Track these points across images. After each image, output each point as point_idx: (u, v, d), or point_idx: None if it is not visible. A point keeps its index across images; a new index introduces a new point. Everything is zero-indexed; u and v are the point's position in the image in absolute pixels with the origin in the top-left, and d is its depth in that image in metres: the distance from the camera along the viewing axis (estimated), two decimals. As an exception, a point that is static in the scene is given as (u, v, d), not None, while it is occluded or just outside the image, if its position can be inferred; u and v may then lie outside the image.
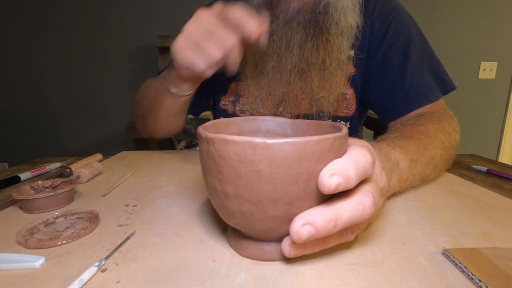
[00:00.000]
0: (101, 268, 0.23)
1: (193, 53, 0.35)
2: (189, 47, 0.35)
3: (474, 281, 0.21)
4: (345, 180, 0.19)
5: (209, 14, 0.35)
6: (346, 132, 0.23)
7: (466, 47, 1.90)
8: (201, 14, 0.35)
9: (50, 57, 1.93)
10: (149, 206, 0.36)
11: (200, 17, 0.35)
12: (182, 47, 0.36)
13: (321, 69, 0.53)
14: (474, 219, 0.32)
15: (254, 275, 0.22)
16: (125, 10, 1.87)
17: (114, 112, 2.01)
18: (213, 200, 0.24)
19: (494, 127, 2.01)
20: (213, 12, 0.35)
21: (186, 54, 0.35)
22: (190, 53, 0.35)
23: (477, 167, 0.51)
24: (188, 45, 0.35)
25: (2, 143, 2.06)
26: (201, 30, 0.34)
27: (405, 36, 0.56)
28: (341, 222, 0.20)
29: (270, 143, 0.19)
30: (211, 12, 0.35)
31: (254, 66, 0.55)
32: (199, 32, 0.34)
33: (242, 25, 0.32)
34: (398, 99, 0.56)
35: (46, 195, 0.34)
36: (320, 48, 0.51)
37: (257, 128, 0.32)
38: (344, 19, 0.51)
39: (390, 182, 0.32)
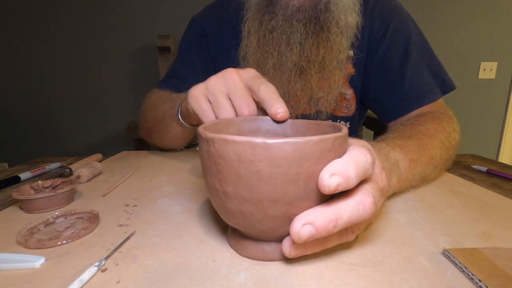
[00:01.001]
0: (101, 268, 0.23)
1: (207, 105, 0.34)
2: (206, 98, 0.34)
3: (474, 281, 0.21)
4: (345, 180, 0.19)
5: (238, 77, 0.33)
6: (346, 132, 0.23)
7: (466, 47, 1.90)
8: (230, 72, 0.33)
9: (50, 57, 1.94)
10: (149, 206, 0.36)
11: (228, 75, 0.33)
12: (199, 96, 0.34)
13: (321, 67, 0.53)
14: (474, 219, 0.32)
15: (254, 275, 0.22)
16: (125, 10, 1.87)
17: (114, 112, 2.01)
18: (213, 200, 0.24)
19: (494, 127, 2.01)
20: (243, 76, 0.33)
21: (199, 103, 0.34)
22: (204, 104, 0.34)
23: (477, 167, 0.51)
24: (205, 95, 0.34)
25: (2, 143, 2.06)
26: (225, 88, 0.33)
27: (404, 36, 0.56)
28: (341, 222, 0.20)
29: (270, 143, 0.19)
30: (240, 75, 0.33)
31: (256, 64, 0.55)
32: (222, 88, 0.33)
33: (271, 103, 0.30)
34: (398, 99, 0.56)
35: (46, 195, 0.34)
36: (320, 46, 0.51)
37: (257, 128, 0.32)
38: (344, 18, 0.51)
39: (390, 182, 0.32)
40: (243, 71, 0.34)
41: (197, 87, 0.35)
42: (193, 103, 0.35)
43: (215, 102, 0.33)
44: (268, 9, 0.52)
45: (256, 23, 0.54)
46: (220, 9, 0.66)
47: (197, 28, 0.67)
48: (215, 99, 0.33)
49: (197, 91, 0.35)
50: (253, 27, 0.54)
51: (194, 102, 0.35)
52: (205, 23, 0.66)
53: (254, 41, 0.54)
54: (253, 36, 0.54)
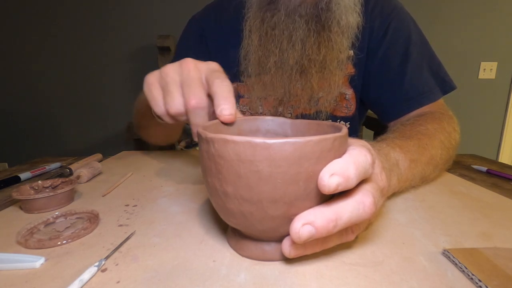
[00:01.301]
0: (101, 268, 0.23)
1: (158, 92, 0.33)
2: (158, 85, 0.33)
3: (474, 281, 0.21)
4: (345, 180, 0.19)
5: (194, 67, 0.32)
6: (346, 132, 0.23)
7: (466, 47, 1.90)
8: (187, 62, 0.32)
9: (50, 57, 1.94)
10: (149, 206, 0.36)
11: (185, 64, 0.32)
12: (152, 82, 0.34)
13: (321, 67, 0.53)
14: (474, 219, 0.32)
15: (254, 275, 0.22)
16: (125, 10, 1.87)
17: (114, 112, 2.01)
18: (213, 200, 0.24)
19: (494, 127, 2.01)
20: (200, 67, 0.32)
21: (151, 90, 0.33)
22: (155, 91, 0.33)
23: (477, 167, 0.51)
24: (158, 82, 0.33)
25: (2, 143, 2.06)
26: (178, 76, 0.32)
27: (405, 36, 0.56)
28: (341, 222, 0.20)
29: (270, 143, 0.19)
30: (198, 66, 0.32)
31: (257, 63, 0.55)
32: (175, 77, 0.32)
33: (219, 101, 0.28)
34: (398, 99, 0.56)
35: (46, 195, 0.34)
36: (321, 45, 0.51)
37: (257, 128, 0.32)
38: (346, 18, 0.51)
39: (390, 182, 0.32)
40: (202, 63, 0.33)
41: (152, 74, 0.34)
42: (145, 89, 0.34)
43: (165, 88, 0.32)
44: (269, 6, 0.52)
45: (258, 21, 0.54)
46: (220, 9, 0.66)
47: (196, 28, 0.67)
48: (166, 86, 0.32)
49: (151, 78, 0.34)
50: (255, 26, 0.54)
51: (147, 88, 0.34)
52: (204, 23, 0.66)
53: (256, 40, 0.54)
54: (254, 34, 0.54)
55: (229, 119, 0.28)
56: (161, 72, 0.33)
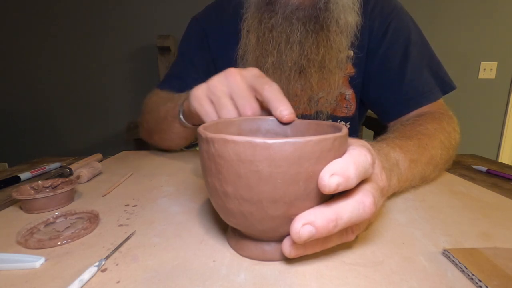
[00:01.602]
0: (101, 268, 0.23)
1: (209, 106, 0.33)
2: (208, 98, 0.33)
3: (474, 281, 0.21)
4: (345, 180, 0.19)
5: (240, 77, 0.32)
6: (346, 132, 0.23)
7: (466, 47, 1.90)
8: (232, 72, 0.32)
9: (50, 57, 1.94)
10: (149, 206, 0.36)
11: (230, 75, 0.32)
12: (202, 96, 0.34)
13: (320, 66, 0.53)
14: (474, 219, 0.32)
15: (254, 275, 0.22)
16: (125, 10, 1.88)
17: (114, 112, 2.01)
18: (213, 200, 0.24)
19: (494, 127, 2.01)
20: (245, 76, 0.32)
21: (202, 104, 0.33)
22: (207, 105, 0.33)
23: (477, 167, 0.51)
24: (208, 96, 0.33)
25: (2, 143, 2.06)
26: (227, 88, 0.32)
27: (404, 36, 0.56)
28: (341, 222, 0.20)
29: (270, 143, 0.19)
30: (243, 74, 0.32)
31: (254, 63, 0.55)
32: (224, 89, 0.32)
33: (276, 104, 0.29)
34: (398, 99, 0.56)
35: (46, 195, 0.34)
36: (320, 45, 0.51)
37: (257, 128, 0.32)
38: (344, 17, 0.51)
39: (390, 182, 0.32)
40: (245, 71, 0.33)
41: (199, 88, 0.34)
42: (195, 104, 0.34)
43: (217, 102, 0.32)
44: (267, 7, 0.52)
45: (256, 22, 0.54)
46: (220, 9, 0.66)
47: (198, 28, 0.67)
48: (218, 100, 0.32)
49: (199, 92, 0.34)
50: (252, 26, 0.54)
51: (196, 103, 0.34)
52: (205, 23, 0.66)
53: (253, 40, 0.54)
54: (252, 34, 0.54)
55: (291, 118, 0.29)
56: (208, 85, 0.33)
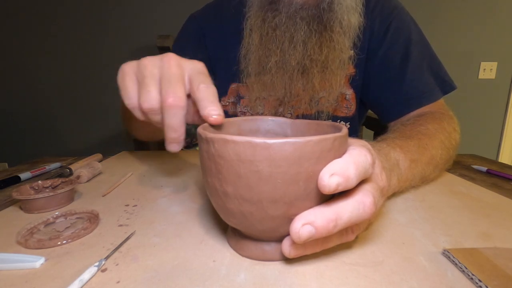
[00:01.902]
0: (101, 268, 0.23)
1: (132, 83, 0.30)
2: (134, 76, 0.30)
3: (474, 281, 0.21)
4: (345, 180, 0.19)
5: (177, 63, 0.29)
6: (346, 132, 0.23)
7: (466, 47, 1.90)
8: (170, 56, 0.30)
9: (50, 57, 1.93)
10: (149, 206, 0.36)
11: (166, 59, 0.29)
12: (128, 71, 0.31)
13: (323, 66, 0.53)
14: (474, 219, 0.32)
15: (254, 275, 0.22)
16: (125, 10, 1.87)
17: (114, 112, 2.01)
18: (213, 200, 0.24)
19: (494, 127, 2.01)
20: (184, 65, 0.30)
21: (124, 79, 0.31)
22: (129, 81, 0.30)
23: (477, 167, 0.51)
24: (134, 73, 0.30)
25: (2, 143, 2.06)
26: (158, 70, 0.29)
27: (405, 36, 0.56)
28: (341, 222, 0.20)
29: (270, 143, 0.19)
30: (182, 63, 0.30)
31: (258, 62, 0.55)
32: (154, 71, 0.29)
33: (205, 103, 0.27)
34: (398, 99, 0.56)
35: (46, 195, 0.34)
36: (323, 45, 0.51)
37: (257, 128, 0.32)
38: (348, 18, 0.51)
39: (390, 182, 0.32)
40: (187, 61, 0.31)
41: (128, 63, 0.31)
42: (119, 78, 0.31)
43: (141, 81, 0.29)
44: (271, 6, 0.52)
45: (259, 21, 0.53)
46: (220, 8, 0.65)
47: (195, 27, 0.66)
48: (142, 78, 0.29)
49: (127, 67, 0.31)
50: (256, 25, 0.54)
51: (120, 77, 0.31)
52: (204, 22, 0.66)
53: (257, 39, 0.54)
54: (255, 33, 0.54)
55: (218, 120, 0.27)
56: (139, 63, 0.30)
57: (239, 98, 0.63)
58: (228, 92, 0.64)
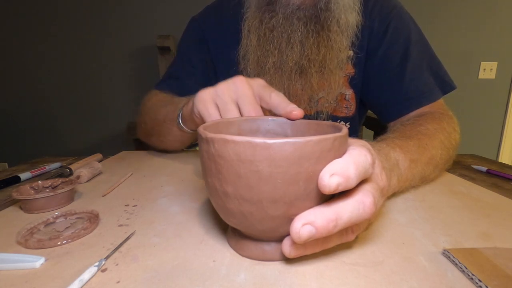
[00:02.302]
0: (101, 268, 0.23)
1: (214, 110, 0.34)
2: (214, 102, 0.34)
3: (474, 281, 0.21)
4: (345, 180, 0.19)
5: (247, 84, 0.34)
6: (346, 132, 0.23)
7: (466, 47, 1.90)
8: (240, 79, 0.34)
9: (50, 57, 1.94)
10: (149, 206, 0.36)
11: (239, 82, 0.34)
12: (208, 99, 0.34)
13: (321, 66, 0.53)
14: (474, 219, 0.32)
15: (254, 275, 0.22)
16: (125, 10, 1.87)
17: (114, 112, 2.01)
18: (213, 200, 0.24)
19: (494, 127, 2.01)
20: (252, 84, 0.34)
21: (207, 107, 0.34)
22: (211, 108, 0.34)
23: (477, 167, 0.51)
24: (214, 99, 0.34)
25: (2, 143, 2.06)
26: (234, 94, 0.33)
27: (404, 35, 0.56)
28: (341, 222, 0.20)
29: (270, 143, 0.19)
30: (250, 83, 0.34)
31: (256, 63, 0.55)
32: (231, 94, 0.33)
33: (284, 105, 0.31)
34: (398, 99, 0.56)
35: (46, 195, 0.34)
36: (321, 45, 0.51)
37: (257, 128, 0.32)
38: (345, 17, 0.51)
39: (390, 182, 0.32)
40: (252, 80, 0.35)
41: (206, 91, 0.35)
42: (200, 106, 0.35)
43: (223, 107, 0.33)
44: (268, 7, 0.52)
45: (256, 22, 0.54)
46: (220, 9, 0.65)
47: (196, 30, 0.66)
48: (224, 105, 0.33)
49: (205, 95, 0.35)
50: (253, 26, 0.54)
51: (202, 105, 0.35)
52: (204, 24, 0.66)
53: (254, 40, 0.54)
54: (253, 34, 0.54)
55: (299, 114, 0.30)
56: (216, 89, 0.34)
57: None
58: None
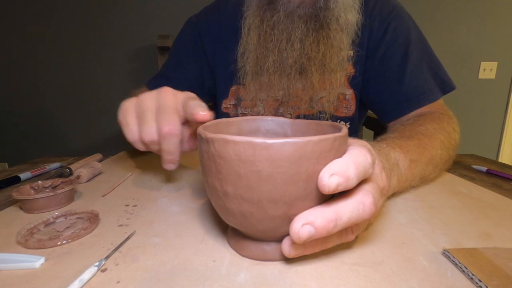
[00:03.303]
0: (101, 268, 0.23)
1: (132, 120, 0.34)
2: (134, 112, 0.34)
3: (474, 281, 0.21)
4: (345, 180, 0.19)
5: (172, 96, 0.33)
6: (346, 132, 0.23)
7: (466, 47, 1.90)
8: (166, 90, 0.33)
9: (50, 57, 1.93)
10: (149, 206, 0.36)
11: (162, 92, 0.33)
12: (128, 108, 0.34)
13: (321, 64, 0.53)
14: (474, 219, 0.32)
15: (254, 275, 0.22)
16: (125, 10, 1.87)
17: (114, 112, 1.98)
18: (213, 200, 0.24)
19: (494, 127, 2.01)
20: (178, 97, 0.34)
21: (126, 116, 0.34)
22: (130, 118, 0.34)
23: (477, 167, 0.51)
24: (134, 109, 0.34)
25: (2, 143, 2.06)
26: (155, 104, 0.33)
27: (404, 36, 0.56)
28: (341, 222, 0.20)
29: (270, 143, 0.19)
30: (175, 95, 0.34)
31: (255, 61, 0.55)
32: (152, 104, 0.33)
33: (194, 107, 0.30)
34: (398, 99, 0.56)
35: (46, 195, 0.34)
36: (320, 43, 0.51)
37: (257, 128, 0.32)
38: (344, 15, 0.51)
39: (390, 182, 0.32)
40: (180, 93, 0.34)
41: (129, 100, 0.35)
42: (120, 115, 0.35)
43: (141, 115, 0.33)
44: (269, 6, 0.53)
45: (257, 20, 0.54)
46: (217, 10, 0.65)
47: (193, 31, 0.66)
48: (142, 113, 0.33)
49: (127, 104, 0.35)
50: (254, 24, 0.54)
51: (121, 114, 0.35)
52: (201, 25, 0.66)
53: (255, 38, 0.54)
54: (253, 32, 0.54)
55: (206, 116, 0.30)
56: (138, 99, 0.34)
57: (239, 100, 0.63)
58: (229, 95, 0.64)
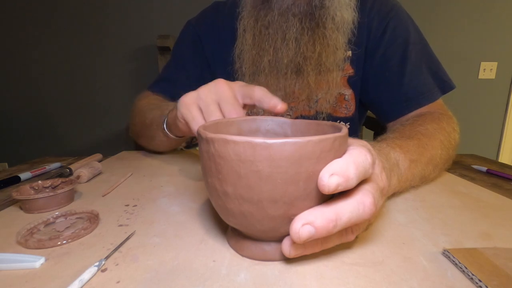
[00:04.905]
0: (101, 268, 0.23)
1: (197, 112, 0.35)
2: (197, 105, 0.35)
3: (474, 281, 0.21)
4: (345, 180, 0.19)
5: (228, 86, 0.35)
6: (346, 132, 0.23)
7: (466, 47, 1.90)
8: (220, 82, 0.35)
9: (50, 57, 1.93)
10: (149, 206, 0.36)
11: (218, 85, 0.35)
12: (190, 103, 0.36)
13: (317, 64, 0.53)
14: (474, 219, 0.32)
15: (254, 275, 0.22)
16: (125, 10, 1.87)
17: (114, 112, 2.01)
18: (213, 200, 0.24)
19: (494, 127, 2.01)
20: (232, 86, 0.36)
21: (190, 110, 0.35)
22: (194, 111, 0.35)
23: (477, 167, 0.51)
24: (197, 102, 0.35)
25: (2, 143, 2.06)
26: (215, 96, 0.35)
27: (403, 36, 0.56)
28: (341, 222, 0.20)
29: (270, 143, 0.19)
30: (230, 85, 0.36)
31: (251, 62, 0.55)
32: (213, 96, 0.35)
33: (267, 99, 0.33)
34: (397, 99, 0.56)
35: (46, 195, 0.34)
36: (316, 42, 0.51)
37: (257, 128, 0.32)
38: (340, 14, 0.51)
39: (390, 182, 0.32)
40: (232, 83, 0.36)
41: (188, 95, 0.36)
42: (183, 110, 0.36)
43: (206, 109, 0.35)
44: (263, 5, 0.52)
45: (252, 20, 0.54)
46: (215, 12, 0.66)
47: (192, 34, 0.66)
48: (206, 106, 0.34)
49: (188, 98, 0.36)
50: (249, 24, 0.54)
51: (185, 109, 0.36)
52: (200, 28, 0.66)
53: (250, 39, 0.54)
54: (248, 33, 0.54)
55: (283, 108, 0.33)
56: (198, 93, 0.35)
57: None
58: None
